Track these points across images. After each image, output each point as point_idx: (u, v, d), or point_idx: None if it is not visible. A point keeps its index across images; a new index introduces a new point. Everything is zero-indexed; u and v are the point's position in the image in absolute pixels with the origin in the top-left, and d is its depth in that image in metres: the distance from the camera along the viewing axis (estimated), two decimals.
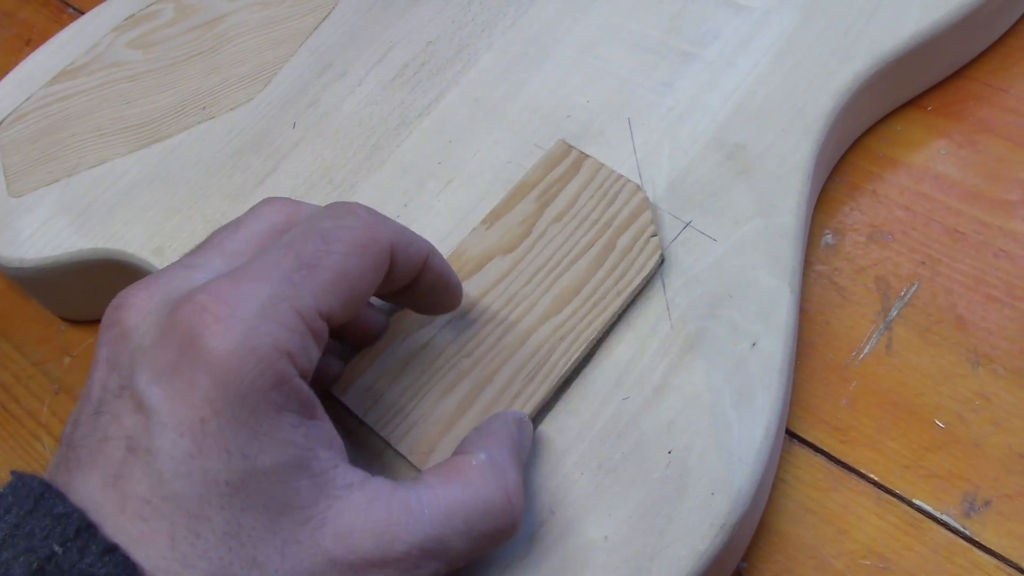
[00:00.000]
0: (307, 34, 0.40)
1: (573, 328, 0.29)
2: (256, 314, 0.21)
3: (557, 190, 0.32)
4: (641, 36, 0.36)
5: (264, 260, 0.23)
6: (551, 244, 0.31)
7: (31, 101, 0.41)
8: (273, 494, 0.21)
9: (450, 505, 0.23)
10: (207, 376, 0.21)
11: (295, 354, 0.22)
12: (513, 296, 0.30)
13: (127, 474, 0.21)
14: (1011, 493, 0.30)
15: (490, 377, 0.29)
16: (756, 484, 0.27)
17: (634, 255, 0.30)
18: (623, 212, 0.31)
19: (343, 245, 0.23)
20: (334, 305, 0.23)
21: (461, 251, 0.32)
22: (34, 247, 0.37)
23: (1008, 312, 0.33)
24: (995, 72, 0.38)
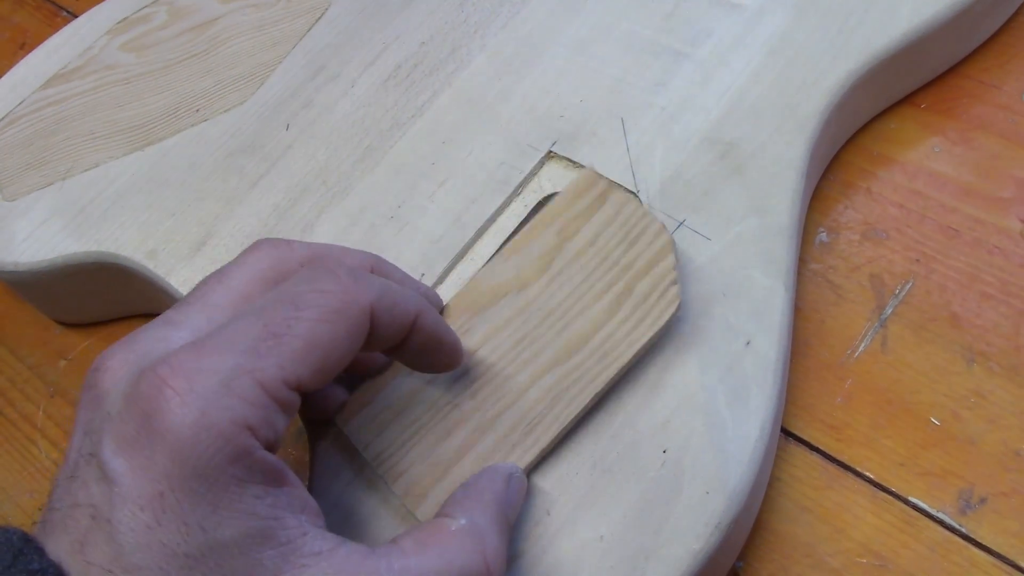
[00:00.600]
0: (300, 36, 0.40)
1: (579, 380, 0.28)
2: (215, 389, 0.21)
3: (579, 224, 0.31)
4: (634, 36, 0.36)
5: (232, 329, 0.22)
6: (567, 284, 0.30)
7: (25, 105, 0.41)
8: (235, 566, 0.21)
9: (427, 570, 0.23)
10: (165, 452, 0.21)
11: (256, 427, 0.22)
12: (523, 338, 0.29)
13: (91, 542, 0.21)
14: (1007, 490, 0.29)
15: (491, 423, 0.28)
16: (751, 483, 0.27)
17: (651, 304, 0.29)
18: (644, 255, 0.30)
19: (315, 311, 0.23)
20: (303, 374, 0.22)
21: (476, 283, 0.31)
22: (28, 251, 0.37)
23: (1003, 309, 0.33)
24: (988, 69, 0.38)
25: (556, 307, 0.30)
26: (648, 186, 0.33)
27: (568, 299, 0.30)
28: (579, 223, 0.31)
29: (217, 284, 0.25)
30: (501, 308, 0.30)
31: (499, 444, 0.28)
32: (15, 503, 0.37)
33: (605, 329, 0.29)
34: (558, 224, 0.31)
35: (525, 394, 0.28)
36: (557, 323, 0.29)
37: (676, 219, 0.32)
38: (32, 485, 0.37)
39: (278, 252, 0.25)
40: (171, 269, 0.35)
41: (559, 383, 0.28)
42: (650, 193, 0.32)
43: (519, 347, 0.29)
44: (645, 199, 0.32)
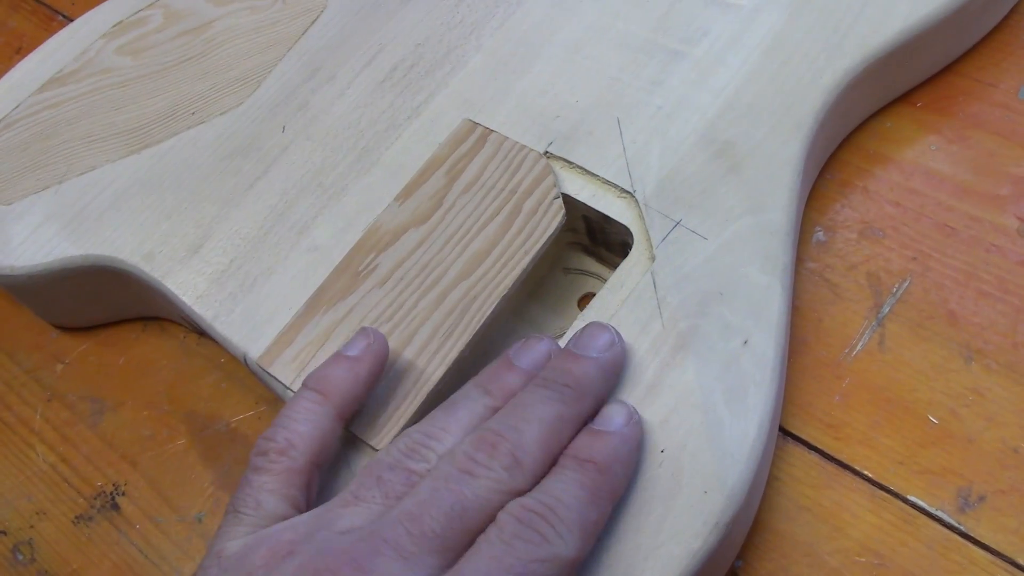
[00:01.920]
0: (296, 38, 0.40)
1: (485, 287, 0.31)
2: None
3: (464, 164, 0.34)
4: (629, 35, 0.36)
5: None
6: (461, 213, 0.33)
7: (21, 108, 0.41)
8: None
9: None
10: None
11: None
12: (428, 263, 0.32)
13: None
14: (1005, 488, 0.29)
15: (409, 338, 0.31)
16: (749, 482, 0.27)
17: (539, 217, 0.32)
18: (527, 179, 0.33)
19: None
20: None
21: (376, 226, 0.33)
22: (25, 254, 0.37)
23: (1000, 307, 0.33)
24: (984, 68, 0.38)
25: (454, 233, 0.33)
26: (644, 185, 0.33)
27: (464, 224, 0.33)
28: (464, 163, 0.34)
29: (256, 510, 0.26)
30: (403, 242, 0.33)
31: (420, 353, 0.30)
32: (13, 507, 0.37)
33: (501, 244, 0.32)
34: (445, 167, 0.34)
35: (438, 308, 0.31)
36: (457, 246, 0.32)
37: (672, 218, 0.32)
38: (29, 489, 0.37)
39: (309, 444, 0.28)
40: (168, 272, 0.35)
41: (467, 294, 0.31)
42: (646, 192, 0.32)
43: (425, 272, 0.32)
44: (641, 198, 0.32)
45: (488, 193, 0.33)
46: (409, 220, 0.33)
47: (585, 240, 0.36)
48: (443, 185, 0.34)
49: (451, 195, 0.33)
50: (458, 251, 0.32)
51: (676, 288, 0.30)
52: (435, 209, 0.33)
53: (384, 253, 0.33)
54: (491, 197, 0.33)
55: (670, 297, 0.30)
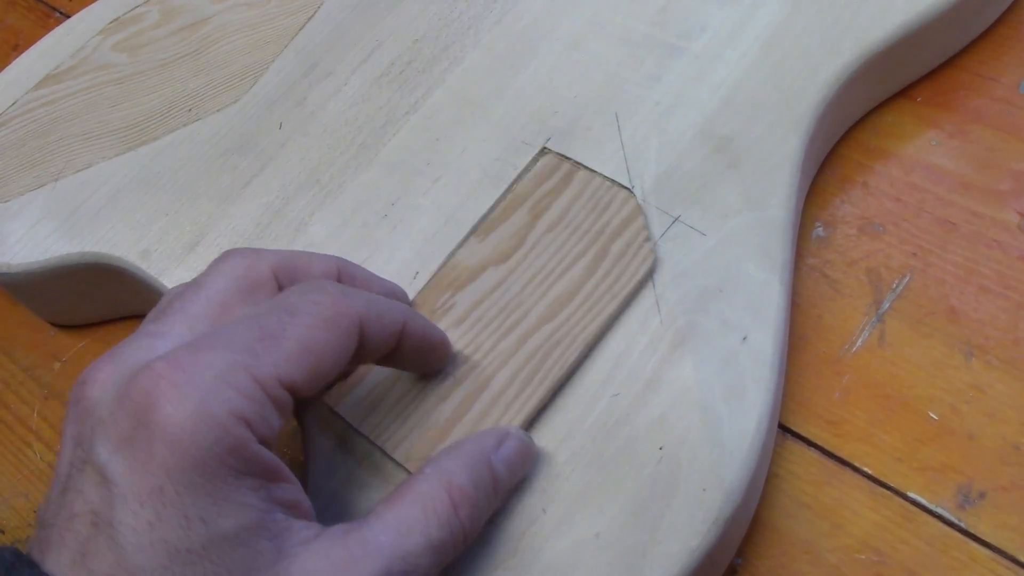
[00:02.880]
0: (293, 34, 0.40)
1: (568, 332, 0.29)
2: (212, 381, 0.21)
3: (549, 202, 0.32)
4: (628, 30, 0.36)
5: (226, 330, 0.23)
6: (544, 253, 0.31)
7: (17, 106, 0.40)
8: (235, 558, 0.21)
9: (403, 524, 0.23)
10: (163, 444, 0.21)
11: (253, 421, 0.22)
12: (508, 304, 0.30)
13: (92, 550, 0.21)
14: (1006, 485, 0.29)
15: (485, 384, 0.29)
16: (748, 479, 0.27)
17: (627, 260, 0.30)
18: (615, 220, 0.31)
19: (309, 318, 0.23)
20: (296, 376, 0.23)
21: (455, 263, 0.32)
22: (22, 252, 0.37)
23: (1001, 303, 0.32)
24: (985, 61, 0.38)
25: (536, 273, 0.31)
26: (643, 181, 0.32)
27: (547, 265, 0.31)
28: (549, 200, 0.32)
29: (193, 295, 0.25)
30: (482, 281, 0.31)
31: (495, 402, 0.28)
32: (9, 506, 0.36)
33: (586, 287, 0.30)
34: (528, 203, 0.32)
35: (516, 354, 0.29)
36: (539, 287, 0.30)
37: (671, 214, 0.32)
38: (26, 488, 0.37)
39: (248, 261, 0.26)
40: (164, 269, 0.35)
41: (548, 340, 0.29)
42: (645, 188, 0.32)
43: (504, 313, 0.30)
44: (640, 194, 0.32)
45: (574, 233, 0.31)
46: (489, 258, 0.32)
47: None
48: (526, 223, 0.32)
49: (534, 234, 0.32)
50: (540, 293, 0.30)
51: (675, 284, 0.30)
52: (517, 248, 0.32)
53: (462, 292, 0.31)
54: (577, 237, 0.31)
55: (668, 293, 0.30)
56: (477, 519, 0.25)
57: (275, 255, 0.26)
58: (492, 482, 0.26)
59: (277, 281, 0.26)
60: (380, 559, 0.22)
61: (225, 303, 0.25)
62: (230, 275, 0.25)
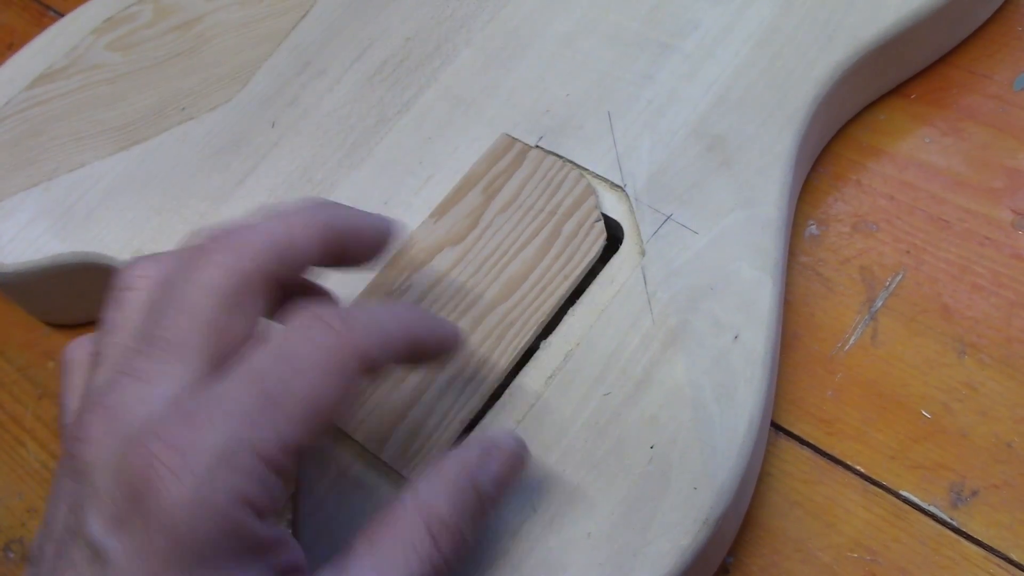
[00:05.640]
0: (286, 33, 0.40)
1: (523, 313, 0.30)
2: (211, 464, 0.20)
3: (502, 182, 0.33)
4: (620, 28, 0.36)
5: (224, 395, 0.21)
6: (498, 234, 0.32)
7: (10, 105, 0.40)
8: None
9: (384, 565, 0.22)
10: (160, 533, 0.20)
11: (255, 501, 0.21)
12: (463, 285, 0.31)
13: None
14: (998, 483, 0.29)
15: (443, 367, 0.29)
16: (739, 478, 0.27)
17: (579, 240, 0.31)
18: (567, 200, 0.32)
19: (313, 371, 0.22)
20: (303, 438, 0.22)
21: (410, 244, 0.32)
22: (14, 252, 0.37)
23: (994, 301, 0.32)
24: (978, 59, 0.37)
25: (490, 255, 0.31)
26: (635, 180, 0.32)
27: (501, 246, 0.32)
28: (502, 181, 0.33)
29: (176, 315, 0.23)
30: (437, 263, 0.32)
31: (454, 381, 0.29)
32: (4, 505, 0.36)
33: (539, 268, 0.31)
34: (481, 184, 0.33)
35: (472, 334, 0.30)
36: (493, 269, 0.31)
37: (663, 213, 0.31)
38: (21, 487, 0.37)
39: (231, 260, 0.23)
40: None
41: (503, 321, 0.30)
42: (637, 187, 0.32)
43: (459, 295, 0.31)
44: (632, 193, 0.32)
45: (527, 214, 0.32)
46: (444, 239, 0.32)
47: None
48: (480, 203, 0.32)
49: (487, 214, 0.32)
50: (494, 274, 0.31)
51: (666, 283, 0.30)
52: (471, 228, 0.32)
53: (417, 273, 0.31)
54: (530, 218, 0.32)
55: (660, 292, 0.30)
56: (462, 547, 0.24)
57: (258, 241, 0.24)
58: (477, 503, 0.24)
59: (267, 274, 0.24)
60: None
61: (214, 323, 0.23)
62: (212, 284, 0.23)
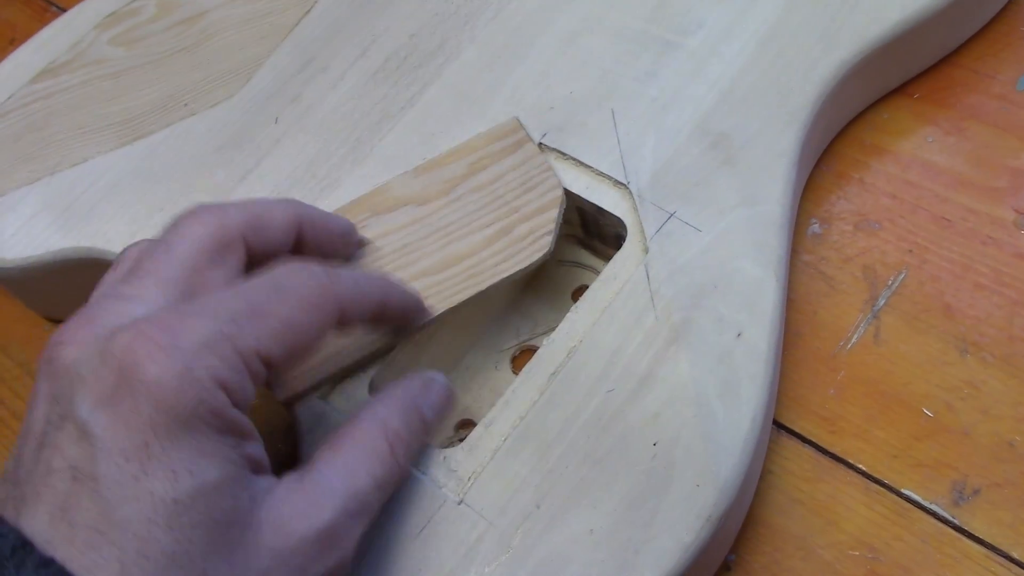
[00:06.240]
0: (289, 29, 0.40)
1: (442, 291, 0.31)
2: (197, 347, 0.22)
3: (489, 162, 0.33)
4: (624, 26, 0.36)
5: (214, 299, 0.24)
6: (460, 210, 0.32)
7: (13, 100, 0.40)
8: (221, 507, 0.22)
9: (349, 466, 0.25)
10: (148, 401, 0.21)
11: (232, 389, 0.23)
12: (407, 245, 0.32)
13: (74, 504, 0.21)
14: (1000, 481, 0.29)
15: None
16: (742, 475, 0.27)
17: (524, 245, 0.31)
18: (534, 203, 0.32)
19: (295, 299, 0.24)
20: (276, 352, 0.24)
21: (385, 189, 0.33)
22: (17, 246, 0.37)
23: (996, 299, 0.32)
24: (982, 58, 0.38)
25: (444, 227, 0.32)
26: (639, 177, 0.32)
27: (457, 222, 0.32)
28: (489, 161, 0.33)
29: (164, 256, 0.25)
30: (398, 215, 0.32)
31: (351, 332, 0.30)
32: None
33: (476, 256, 0.31)
34: (472, 157, 0.34)
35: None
36: (440, 240, 0.32)
37: (667, 210, 0.31)
38: None
39: (216, 221, 0.26)
40: None
41: (424, 291, 0.30)
42: (641, 184, 0.32)
43: (401, 252, 0.32)
44: (635, 190, 0.32)
45: (494, 201, 0.32)
46: (413, 196, 0.33)
47: (579, 232, 0.35)
48: (460, 175, 0.33)
49: (462, 187, 0.33)
50: (439, 245, 0.32)
51: (670, 280, 0.30)
52: (441, 195, 0.33)
53: (377, 218, 0.32)
54: (494, 207, 0.32)
55: (664, 290, 0.30)
56: (410, 458, 0.27)
57: (240, 212, 0.27)
58: (421, 425, 0.27)
59: (245, 240, 0.27)
60: (336, 499, 0.24)
61: (195, 266, 0.25)
62: (198, 236, 0.26)
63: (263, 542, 0.23)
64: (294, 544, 0.23)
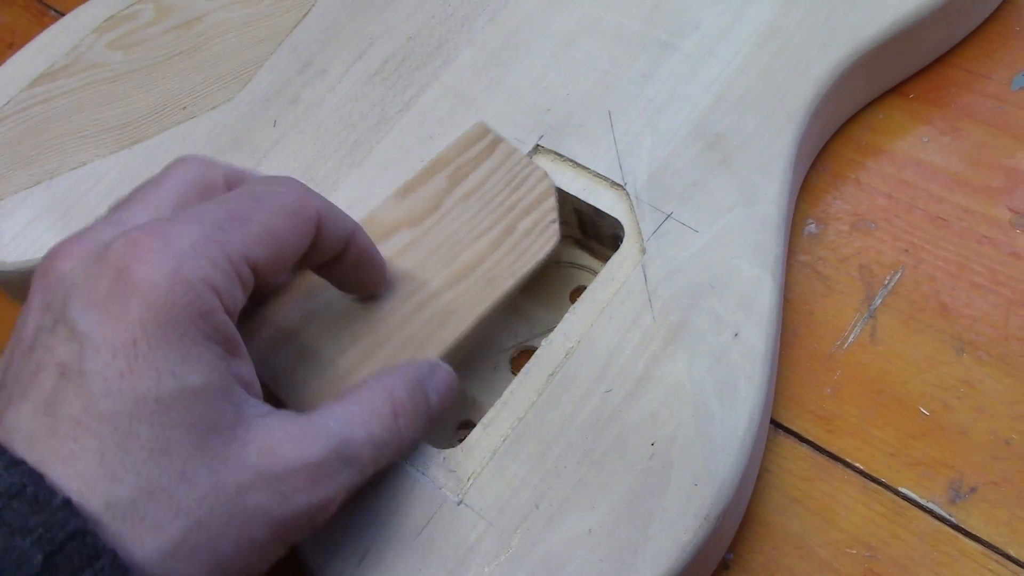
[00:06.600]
0: (287, 32, 0.40)
1: (466, 303, 0.30)
2: (187, 250, 0.23)
3: (469, 170, 0.33)
4: (621, 27, 0.36)
5: (198, 209, 0.24)
6: (455, 221, 0.32)
7: (11, 104, 0.40)
8: (201, 412, 0.22)
9: (348, 416, 0.25)
10: (139, 301, 0.22)
11: (222, 292, 0.23)
12: (413, 267, 0.31)
13: (59, 399, 0.22)
14: (996, 479, 0.29)
15: (380, 343, 0.30)
16: (740, 475, 0.27)
17: (532, 239, 0.31)
18: (528, 197, 0.32)
19: (273, 206, 0.25)
20: (260, 256, 0.24)
21: (370, 219, 0.32)
22: (16, 250, 0.37)
23: (992, 298, 0.32)
24: (977, 58, 0.38)
25: (445, 241, 0.32)
26: (635, 178, 0.33)
27: (456, 234, 0.32)
28: (468, 169, 0.33)
29: (154, 189, 0.26)
30: (394, 241, 0.32)
31: (390, 360, 0.29)
32: None
33: (488, 261, 0.31)
34: (449, 169, 0.33)
35: (413, 317, 0.30)
36: (445, 255, 0.31)
37: (663, 211, 0.32)
38: None
39: (203, 166, 0.27)
40: None
41: (444, 309, 0.30)
42: (637, 185, 0.32)
43: (408, 276, 0.31)
44: (632, 191, 0.32)
45: (487, 205, 0.32)
46: (403, 219, 0.32)
47: (577, 233, 0.35)
48: (443, 188, 0.33)
49: (449, 200, 0.32)
50: (445, 261, 0.31)
51: (667, 281, 0.30)
52: (431, 212, 0.32)
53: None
54: (489, 210, 0.32)
55: (661, 290, 0.30)
56: (413, 432, 0.27)
57: (227, 165, 0.28)
58: (425, 404, 0.27)
59: (228, 187, 0.27)
60: (330, 438, 0.24)
61: (183, 199, 0.26)
62: (186, 176, 0.27)
63: (248, 459, 0.23)
64: (279, 469, 0.23)
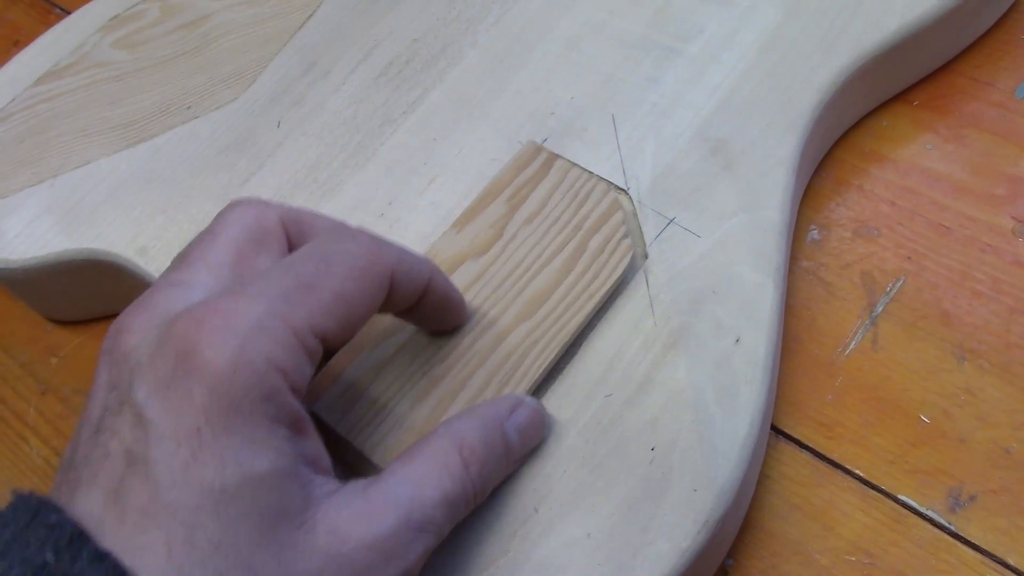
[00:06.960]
0: (292, 33, 0.40)
1: (547, 332, 0.29)
2: (251, 328, 0.22)
3: (528, 192, 0.32)
4: (625, 32, 0.36)
5: (263, 279, 0.23)
6: (522, 247, 0.31)
7: (16, 102, 0.41)
8: (268, 500, 0.22)
9: (418, 479, 0.24)
10: (202, 386, 0.21)
11: (288, 370, 0.22)
12: (485, 300, 0.30)
13: (127, 487, 0.21)
14: (996, 488, 0.29)
15: (463, 383, 0.28)
16: (739, 481, 0.27)
17: (606, 257, 0.30)
18: (594, 213, 0.31)
19: (343, 268, 0.24)
20: (330, 325, 0.23)
21: (432, 255, 0.31)
22: (19, 248, 0.37)
23: (994, 307, 0.32)
24: (981, 66, 0.38)
25: (514, 269, 0.30)
26: (639, 183, 0.33)
27: (525, 261, 0.30)
28: (527, 190, 0.32)
29: (210, 243, 0.25)
30: (460, 275, 0.30)
31: (473, 402, 0.28)
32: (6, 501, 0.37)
33: (564, 285, 0.30)
34: (506, 194, 0.32)
35: (494, 352, 0.29)
36: (517, 283, 0.30)
37: (666, 216, 0.32)
38: (23, 482, 0.37)
39: (257, 210, 0.26)
40: (162, 266, 0.35)
41: (526, 339, 0.29)
42: (640, 190, 0.32)
43: (483, 309, 0.30)
44: (635, 195, 0.32)
45: (552, 226, 0.31)
46: (467, 251, 0.31)
47: None
48: (504, 213, 0.31)
49: (512, 225, 0.31)
50: (518, 289, 0.30)
51: (669, 286, 0.30)
52: (495, 240, 0.31)
53: None
54: (555, 231, 0.31)
55: (662, 295, 0.30)
56: (488, 478, 0.26)
57: (281, 206, 0.27)
58: (504, 446, 0.26)
59: (285, 230, 0.26)
60: (399, 508, 0.23)
61: (241, 251, 0.25)
62: (241, 224, 0.26)
63: (317, 543, 0.22)
64: (349, 550, 0.22)
